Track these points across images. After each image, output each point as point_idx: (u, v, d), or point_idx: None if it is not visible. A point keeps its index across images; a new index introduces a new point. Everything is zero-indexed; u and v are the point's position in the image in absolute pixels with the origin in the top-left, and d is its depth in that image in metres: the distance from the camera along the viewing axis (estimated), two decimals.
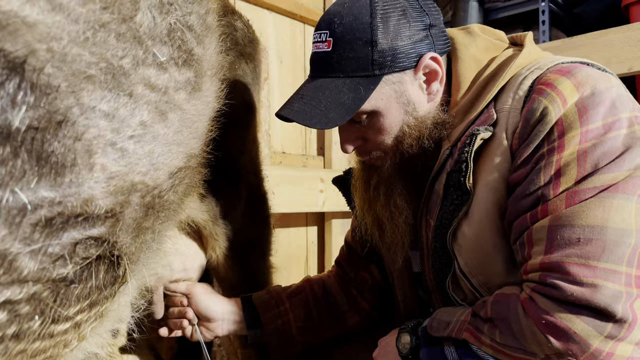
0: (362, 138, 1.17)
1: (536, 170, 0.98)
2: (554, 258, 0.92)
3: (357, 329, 1.49)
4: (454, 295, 1.13)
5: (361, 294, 1.48)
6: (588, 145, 0.95)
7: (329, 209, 2.40)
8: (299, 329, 1.43)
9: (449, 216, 1.09)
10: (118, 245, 0.65)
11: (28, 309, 0.63)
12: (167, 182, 0.69)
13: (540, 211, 0.96)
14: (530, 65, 1.09)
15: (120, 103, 0.60)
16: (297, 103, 1.12)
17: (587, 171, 0.94)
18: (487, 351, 1.00)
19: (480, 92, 1.11)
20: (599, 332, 0.87)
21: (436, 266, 1.14)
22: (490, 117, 1.06)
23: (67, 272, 0.61)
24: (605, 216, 0.90)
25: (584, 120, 0.96)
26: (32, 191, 0.52)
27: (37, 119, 0.52)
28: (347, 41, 1.08)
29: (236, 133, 1.40)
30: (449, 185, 1.09)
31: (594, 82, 0.99)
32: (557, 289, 0.90)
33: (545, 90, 1.01)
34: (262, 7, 2.23)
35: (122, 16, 0.61)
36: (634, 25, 2.00)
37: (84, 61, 0.56)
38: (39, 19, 0.53)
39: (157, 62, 0.66)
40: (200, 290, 1.36)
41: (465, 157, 1.05)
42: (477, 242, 1.06)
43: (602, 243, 0.89)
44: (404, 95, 1.12)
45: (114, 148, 0.59)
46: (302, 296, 1.47)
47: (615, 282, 0.88)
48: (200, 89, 0.76)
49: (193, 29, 0.74)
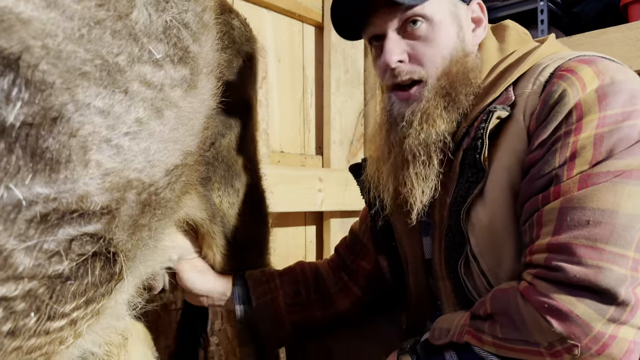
0: (408, 52, 1.15)
1: (552, 151, 0.98)
2: (562, 239, 0.92)
3: (349, 313, 1.48)
4: (465, 279, 1.11)
5: (352, 279, 1.47)
6: (605, 130, 0.95)
7: (328, 208, 2.40)
8: (287, 305, 1.42)
9: (464, 193, 1.08)
10: (114, 242, 0.65)
11: (24, 305, 0.63)
12: (163, 180, 0.69)
13: (553, 193, 0.96)
14: (552, 56, 1.11)
15: (115, 100, 0.60)
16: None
17: (602, 156, 0.94)
18: (489, 350, 0.99)
19: (500, 77, 1.13)
20: (601, 315, 0.87)
21: (449, 246, 1.13)
22: (508, 99, 1.07)
23: (63, 269, 0.61)
24: (616, 201, 0.91)
25: (603, 106, 0.96)
26: (26, 187, 0.53)
27: (32, 115, 0.52)
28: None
29: (234, 131, 1.40)
30: (465, 163, 1.09)
31: (613, 72, 1.00)
32: (560, 271, 0.90)
33: (565, 75, 1.02)
34: (261, 5, 2.23)
35: (117, 13, 0.61)
36: (632, 24, 2.00)
37: (79, 58, 0.56)
38: (33, 16, 0.53)
39: (153, 59, 0.66)
40: (187, 267, 1.38)
41: (481, 134, 1.05)
42: (490, 222, 1.06)
43: (611, 226, 0.90)
44: (459, 19, 1.15)
45: (109, 145, 0.59)
46: (292, 275, 1.48)
47: (621, 266, 0.88)
48: (196, 86, 0.76)
49: (189, 26, 0.74)
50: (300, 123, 2.44)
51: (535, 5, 2.57)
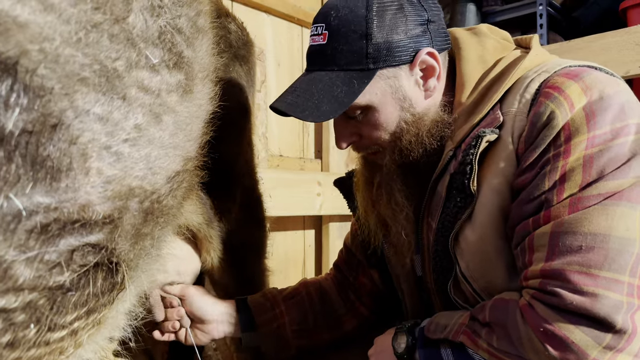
0: (358, 134, 1.15)
1: (541, 175, 0.96)
2: (555, 265, 0.91)
3: (356, 333, 1.47)
4: (456, 298, 1.11)
5: (359, 299, 1.46)
6: (594, 151, 0.93)
7: (327, 212, 2.39)
8: (294, 332, 1.41)
9: (452, 219, 1.07)
10: (116, 252, 0.64)
11: (23, 317, 0.61)
12: (165, 187, 0.67)
13: (543, 217, 0.94)
14: (537, 68, 1.07)
15: (114, 106, 0.59)
16: (290, 96, 1.10)
17: (592, 177, 0.92)
18: (483, 355, 0.98)
19: (485, 93, 1.09)
20: (598, 343, 0.86)
21: (437, 269, 1.13)
22: (496, 120, 1.04)
23: (64, 280, 0.59)
24: (608, 224, 0.89)
25: (592, 125, 0.94)
26: (27, 197, 0.51)
27: (31, 122, 0.51)
28: (342, 34, 1.07)
29: (231, 135, 1.39)
30: (452, 188, 1.07)
31: (602, 86, 0.98)
32: (556, 297, 0.89)
33: (552, 94, 0.99)
34: (260, 10, 2.22)
35: (114, 17, 0.60)
36: (631, 28, 2.00)
37: (77, 62, 0.55)
38: (30, 19, 0.52)
39: (150, 64, 0.65)
40: (194, 291, 1.34)
41: (470, 160, 1.03)
42: (480, 246, 1.05)
43: (604, 251, 0.88)
44: (400, 91, 1.10)
45: (108, 152, 0.58)
46: (297, 299, 1.45)
47: (616, 292, 0.86)
48: (191, 91, 0.75)
49: (182, 31, 0.74)
50: (299, 127, 2.43)
51: (534, 9, 2.56)
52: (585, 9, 2.62)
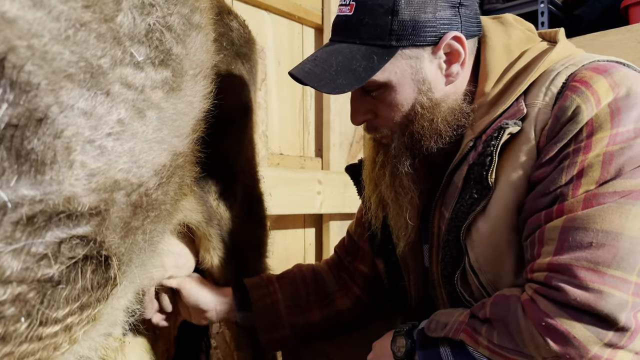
0: (373, 112, 1.14)
1: (559, 169, 0.95)
2: (563, 260, 0.90)
3: (348, 314, 1.46)
4: (462, 291, 1.10)
5: (352, 279, 1.46)
6: (616, 148, 0.92)
7: (327, 211, 2.39)
8: (287, 307, 1.41)
9: (466, 210, 1.06)
10: (106, 244, 0.64)
11: (13, 310, 0.61)
12: (152, 180, 0.68)
13: (556, 211, 0.94)
14: (564, 61, 1.05)
15: (97, 101, 0.60)
16: (309, 64, 1.09)
17: (610, 175, 0.91)
18: (483, 353, 0.98)
19: (510, 84, 1.07)
20: (599, 339, 0.86)
21: (446, 259, 1.12)
22: (519, 111, 1.02)
23: (53, 273, 0.60)
24: (622, 223, 0.88)
25: (615, 123, 0.93)
26: (12, 189, 0.51)
27: (17, 117, 0.51)
28: (368, 6, 1.05)
29: (232, 133, 1.39)
30: (469, 179, 1.06)
31: (630, 83, 0.96)
32: (561, 292, 0.88)
33: (579, 88, 0.97)
34: (260, 8, 2.23)
35: (103, 16, 0.61)
36: (632, 26, 2.00)
37: (64, 60, 0.56)
38: (19, 15, 0.52)
39: (134, 61, 0.66)
40: (190, 284, 1.36)
41: (491, 151, 1.01)
42: (491, 238, 1.04)
43: (614, 249, 0.87)
44: (420, 73, 1.08)
45: (92, 145, 0.58)
46: (290, 277, 1.47)
47: (622, 291, 0.86)
48: (179, 88, 0.76)
49: (173, 29, 0.74)
50: (299, 125, 2.43)
51: (535, 7, 2.56)
52: (587, 6, 2.62)
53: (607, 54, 1.97)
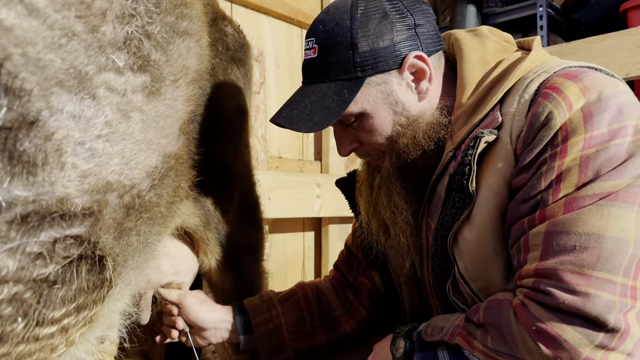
0: (357, 141, 1.18)
1: (537, 175, 0.97)
2: (549, 265, 0.91)
3: (353, 335, 1.47)
4: (455, 299, 1.12)
5: (358, 299, 1.46)
6: (591, 151, 0.93)
7: (326, 214, 2.39)
8: (290, 333, 1.41)
9: (450, 219, 1.08)
10: (100, 245, 0.65)
11: (10, 310, 0.62)
12: (145, 182, 0.69)
13: (538, 216, 0.95)
14: (537, 69, 1.08)
15: (85, 105, 0.62)
16: (286, 109, 1.14)
17: (588, 178, 0.92)
18: (478, 356, 0.99)
19: (485, 94, 1.10)
20: (590, 341, 0.86)
21: (436, 270, 1.13)
22: (495, 120, 1.05)
23: (49, 272, 0.60)
24: (603, 224, 0.89)
25: (589, 126, 0.94)
26: (5, 190, 0.52)
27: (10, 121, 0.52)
28: (329, 46, 1.10)
29: (228, 137, 1.40)
30: (451, 188, 1.08)
31: (601, 87, 0.98)
32: (549, 296, 0.89)
33: (551, 95, 0.99)
34: (260, 11, 2.24)
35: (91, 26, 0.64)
36: (631, 30, 2.00)
37: (55, 67, 0.58)
38: (15, 23, 0.53)
39: (116, 67, 0.69)
40: (191, 300, 1.35)
41: (469, 160, 1.04)
42: (478, 246, 1.05)
43: (598, 252, 0.88)
44: (391, 96, 1.11)
45: (83, 147, 0.60)
46: (294, 300, 1.46)
47: (609, 292, 0.86)
48: (159, 91, 0.79)
49: (153, 37, 0.77)
50: None
51: (534, 11, 2.56)
52: (586, 10, 2.62)
53: (606, 57, 1.99)
